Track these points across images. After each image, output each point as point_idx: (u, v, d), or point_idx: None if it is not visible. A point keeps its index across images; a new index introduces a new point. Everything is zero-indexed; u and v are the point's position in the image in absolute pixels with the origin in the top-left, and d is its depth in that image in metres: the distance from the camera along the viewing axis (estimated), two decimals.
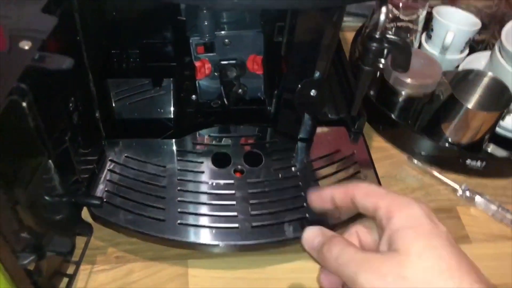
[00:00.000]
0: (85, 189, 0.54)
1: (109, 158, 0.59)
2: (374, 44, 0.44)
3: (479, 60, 0.77)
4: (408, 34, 0.76)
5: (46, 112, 0.37)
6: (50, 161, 0.42)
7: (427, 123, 0.71)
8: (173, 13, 0.63)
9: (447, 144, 0.69)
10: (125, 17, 0.62)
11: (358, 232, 0.35)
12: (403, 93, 0.69)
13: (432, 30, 0.75)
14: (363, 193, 0.33)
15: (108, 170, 0.58)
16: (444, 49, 0.74)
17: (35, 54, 0.35)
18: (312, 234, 0.35)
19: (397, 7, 0.70)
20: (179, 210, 0.55)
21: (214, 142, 0.62)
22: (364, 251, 0.31)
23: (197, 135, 0.63)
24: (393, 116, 0.71)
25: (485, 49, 0.83)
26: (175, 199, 0.56)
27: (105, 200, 0.54)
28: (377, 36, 0.44)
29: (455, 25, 0.72)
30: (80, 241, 0.53)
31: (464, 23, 0.74)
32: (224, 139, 0.63)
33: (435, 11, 0.74)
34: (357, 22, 0.90)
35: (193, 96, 0.66)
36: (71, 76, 0.44)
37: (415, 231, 0.29)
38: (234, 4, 0.38)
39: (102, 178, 0.58)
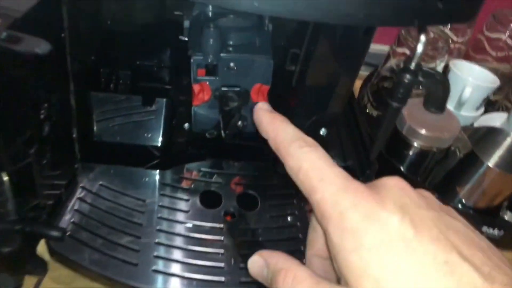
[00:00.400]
0: (46, 217, 0.45)
1: (81, 185, 0.51)
2: (408, 77, 0.38)
3: (493, 121, 0.72)
4: None
5: (7, 109, 0.29)
6: (4, 175, 0.33)
7: (439, 182, 0.65)
8: (175, 32, 0.57)
9: (460, 206, 0.62)
10: (120, 33, 0.56)
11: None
12: (415, 145, 0.63)
13: None
14: (294, 169, 0.25)
15: (78, 198, 0.50)
16: (460, 104, 0.69)
17: (1, 33, 0.27)
18: (257, 269, 0.27)
19: None
20: (155, 254, 0.46)
21: (204, 178, 0.55)
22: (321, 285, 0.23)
23: (186, 169, 0.55)
24: (402, 169, 0.65)
25: (497, 110, 0.78)
26: (152, 240, 0.47)
27: (69, 233, 0.45)
28: (411, 67, 0.38)
29: (474, 80, 0.68)
30: (29, 281, 0.44)
31: (482, 79, 0.69)
32: (216, 175, 0.55)
33: (452, 65, 0.70)
34: (365, 71, 0.86)
35: (186, 124, 0.58)
36: (47, 72, 0.37)
37: (360, 255, 0.22)
38: (254, 8, 0.32)
39: (70, 207, 0.49)
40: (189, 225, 0.49)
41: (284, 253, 0.26)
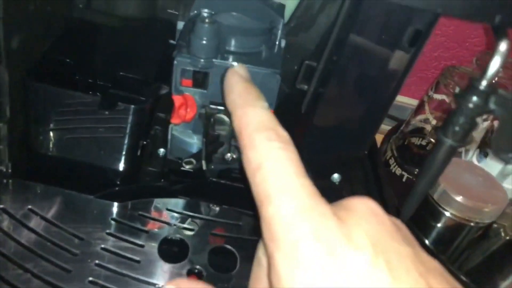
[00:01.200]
0: None
1: (1, 206, 0.38)
2: (474, 100, 0.25)
3: None
4: None
5: None
6: None
7: (475, 267, 0.51)
8: (166, 35, 0.46)
9: None
10: (97, 27, 0.45)
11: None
12: (448, 214, 0.50)
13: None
14: (253, 163, 0.20)
15: None
16: (504, 174, 0.56)
17: None
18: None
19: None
20: None
21: (171, 221, 0.41)
22: None
23: (149, 205, 0.42)
24: (427, 243, 0.51)
25: None
26: None
27: None
28: (481, 88, 0.25)
29: None
30: None
31: None
32: (188, 220, 0.42)
33: (496, 123, 0.58)
34: (387, 124, 0.74)
35: (162, 149, 0.46)
36: None
37: None
38: None
39: None
40: (137, 280, 0.35)
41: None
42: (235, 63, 0.38)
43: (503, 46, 0.25)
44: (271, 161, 0.20)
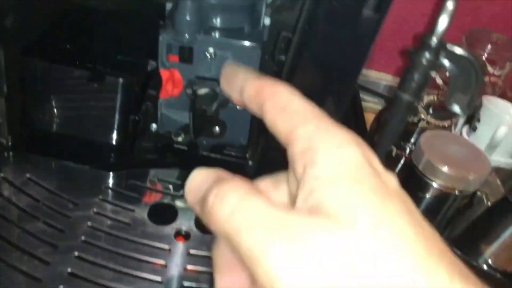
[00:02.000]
0: None
1: (2, 175, 0.40)
2: (427, 56, 0.27)
3: None
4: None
5: None
6: None
7: (460, 234, 0.52)
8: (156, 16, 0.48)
9: (485, 267, 0.49)
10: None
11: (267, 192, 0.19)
12: (434, 185, 0.51)
13: (479, 121, 0.59)
14: (278, 106, 0.18)
15: None
16: (492, 146, 0.57)
17: None
18: (199, 181, 0.18)
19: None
20: (69, 270, 0.35)
21: (161, 188, 0.44)
22: (282, 209, 0.15)
23: (142, 174, 0.44)
24: None
25: None
26: (71, 252, 0.36)
27: None
28: (433, 44, 0.27)
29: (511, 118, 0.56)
30: None
31: None
32: (178, 187, 0.44)
33: (485, 99, 0.59)
34: (379, 104, 0.76)
35: (154, 125, 0.48)
36: None
37: (360, 190, 0.15)
38: None
39: None
40: (126, 241, 0.38)
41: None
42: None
43: (450, 4, 0.27)
44: (305, 127, 0.17)
